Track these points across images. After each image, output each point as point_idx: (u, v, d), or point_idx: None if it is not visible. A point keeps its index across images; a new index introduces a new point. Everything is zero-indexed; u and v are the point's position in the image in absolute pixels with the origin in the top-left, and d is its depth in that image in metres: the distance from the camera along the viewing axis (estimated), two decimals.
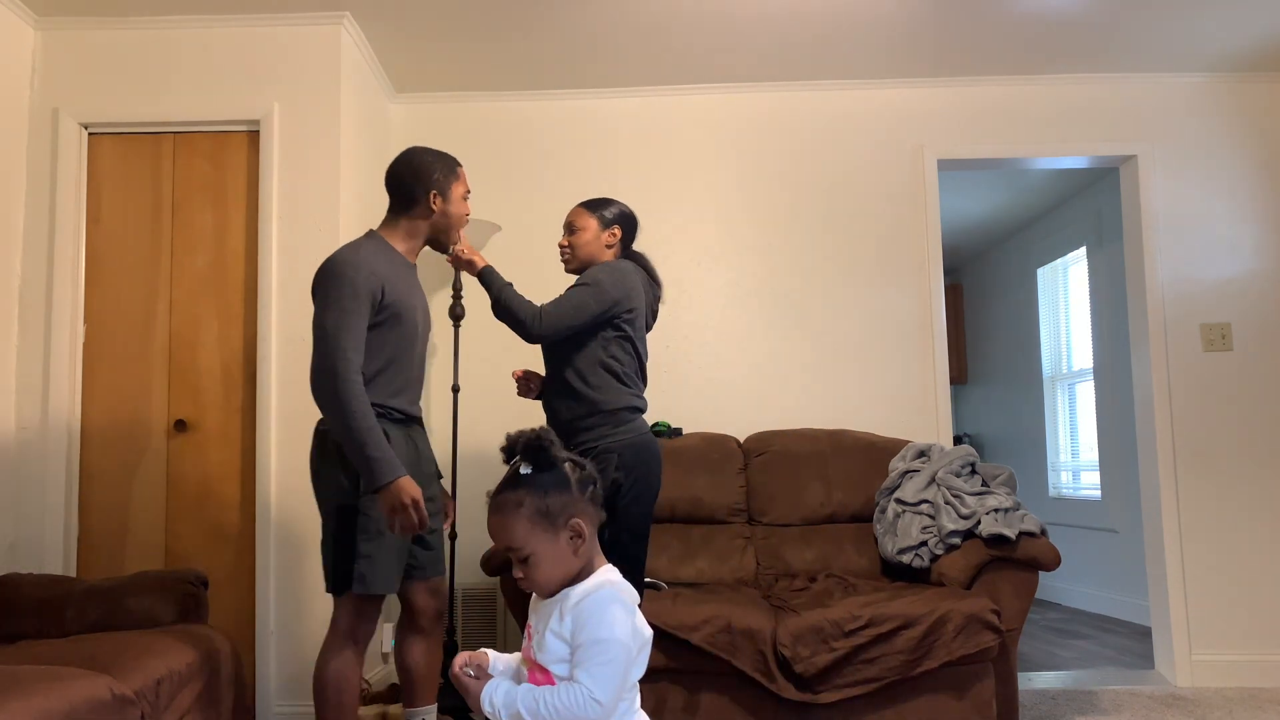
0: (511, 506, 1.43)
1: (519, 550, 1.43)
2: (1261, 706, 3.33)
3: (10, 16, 3.24)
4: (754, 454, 3.57)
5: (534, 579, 1.44)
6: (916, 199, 3.95)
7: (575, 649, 1.39)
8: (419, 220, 2.40)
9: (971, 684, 2.68)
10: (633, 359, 2.54)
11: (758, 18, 3.41)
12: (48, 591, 2.61)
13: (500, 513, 1.44)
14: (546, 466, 1.45)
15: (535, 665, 1.43)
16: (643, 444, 2.47)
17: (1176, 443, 3.80)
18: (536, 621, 1.47)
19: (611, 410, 2.45)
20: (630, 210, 2.74)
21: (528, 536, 1.42)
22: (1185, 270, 3.87)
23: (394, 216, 2.41)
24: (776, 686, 2.61)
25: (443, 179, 2.39)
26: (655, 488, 2.51)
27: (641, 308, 2.57)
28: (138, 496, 3.24)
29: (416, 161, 2.39)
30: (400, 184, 2.39)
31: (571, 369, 2.48)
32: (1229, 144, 3.92)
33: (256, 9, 3.31)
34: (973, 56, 3.77)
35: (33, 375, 3.22)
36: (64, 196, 3.27)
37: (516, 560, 1.44)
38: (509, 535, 1.43)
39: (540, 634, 1.43)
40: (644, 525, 2.47)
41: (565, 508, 1.44)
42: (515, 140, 4.00)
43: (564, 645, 1.40)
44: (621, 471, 2.40)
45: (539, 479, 1.44)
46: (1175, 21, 3.50)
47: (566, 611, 1.41)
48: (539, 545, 1.42)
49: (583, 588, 1.43)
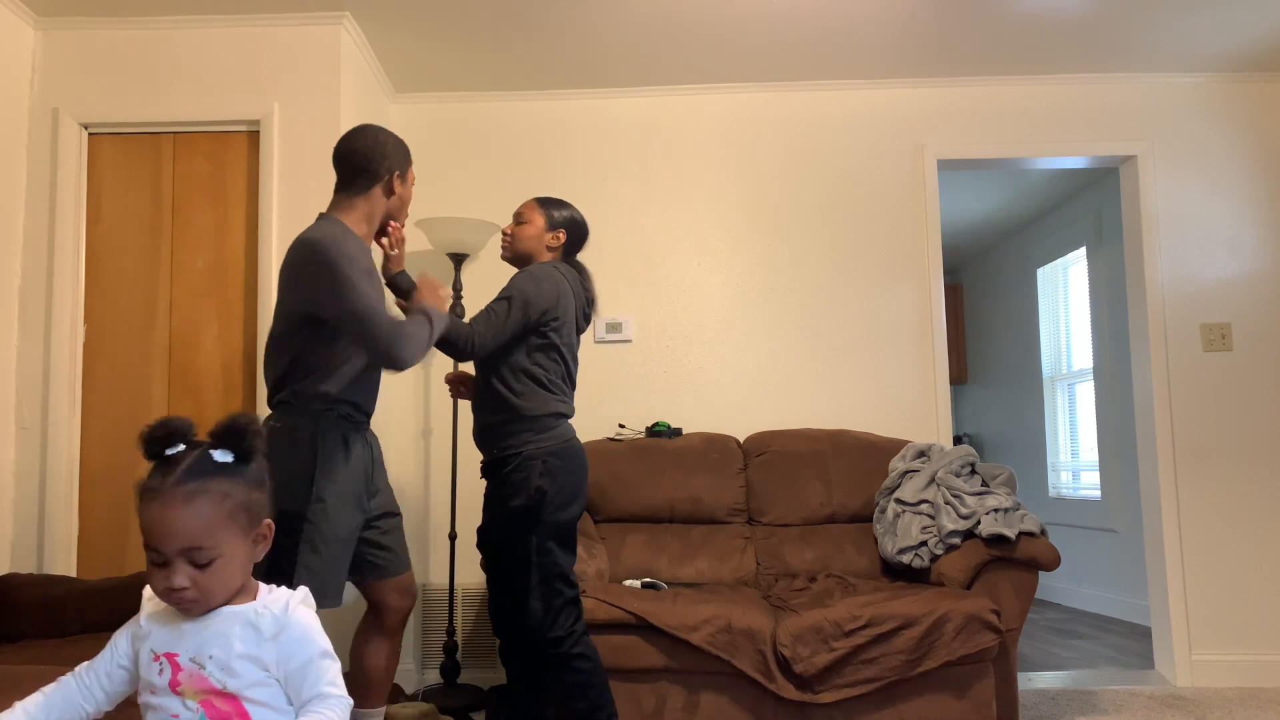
0: (212, 498, 1.20)
1: (204, 550, 1.19)
2: (1261, 706, 3.33)
3: (10, 16, 3.24)
4: (754, 454, 3.57)
5: (208, 589, 1.21)
6: (916, 199, 3.95)
7: (293, 672, 1.23)
8: (378, 201, 2.30)
9: (971, 684, 2.68)
10: (559, 365, 2.52)
11: (758, 18, 3.41)
12: (48, 591, 2.61)
13: (188, 504, 1.19)
14: (249, 458, 1.26)
15: (215, 693, 1.21)
16: (567, 450, 2.45)
17: (1176, 443, 3.80)
18: (189, 648, 1.22)
19: (535, 416, 2.44)
20: (582, 219, 2.71)
21: (224, 535, 1.21)
22: (1185, 270, 3.87)
23: (349, 197, 2.28)
24: (776, 686, 2.61)
25: (401, 159, 2.33)
26: (582, 494, 2.50)
27: (569, 316, 2.54)
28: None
29: (379, 138, 2.29)
30: (361, 161, 2.26)
31: (496, 376, 2.46)
32: (1229, 144, 3.92)
33: (256, 9, 3.31)
34: (973, 56, 3.77)
35: (33, 375, 3.22)
36: (64, 196, 3.27)
37: (184, 564, 1.19)
38: (195, 532, 1.18)
39: (219, 659, 1.21)
40: (571, 533, 2.46)
41: (263, 508, 1.28)
42: (515, 140, 4.00)
43: (260, 669, 1.22)
44: (546, 478, 2.38)
45: (243, 470, 1.25)
46: (1175, 21, 3.50)
47: (264, 632, 1.23)
48: (231, 548, 1.22)
49: (264, 603, 1.26)
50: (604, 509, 3.47)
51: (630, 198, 3.99)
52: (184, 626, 1.24)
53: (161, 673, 1.22)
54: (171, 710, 1.21)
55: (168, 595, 1.21)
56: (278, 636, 1.24)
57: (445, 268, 3.85)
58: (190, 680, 1.21)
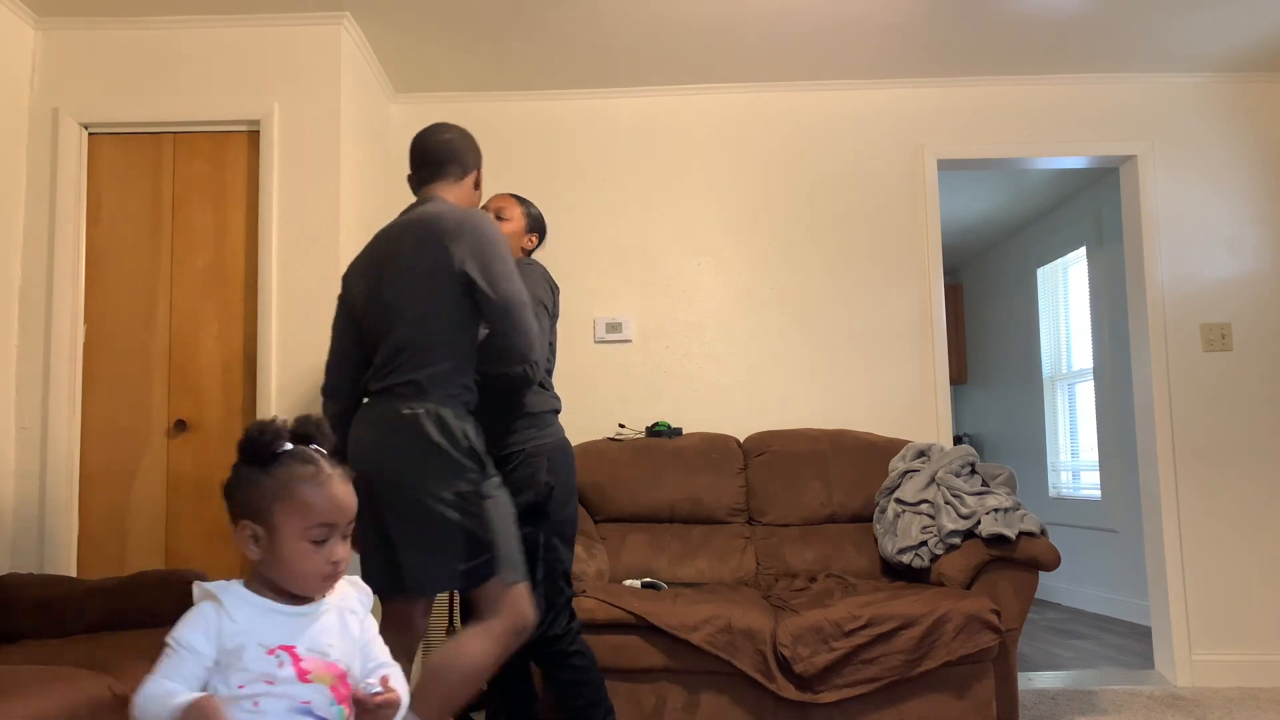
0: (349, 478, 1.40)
1: (352, 524, 1.39)
2: (1261, 706, 3.33)
3: (10, 16, 3.24)
4: (754, 454, 3.57)
5: (349, 560, 1.39)
6: (916, 199, 3.95)
7: (367, 644, 1.41)
8: (468, 191, 2.32)
9: (971, 684, 2.68)
10: (550, 363, 2.54)
11: (758, 18, 3.41)
12: (48, 591, 2.61)
13: (345, 482, 1.39)
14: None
15: (339, 676, 1.34)
16: (565, 447, 2.47)
17: (1176, 443, 3.80)
18: (304, 639, 1.33)
19: (537, 413, 2.44)
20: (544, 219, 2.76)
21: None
22: (1185, 270, 3.87)
23: (446, 185, 2.28)
24: (776, 686, 2.61)
25: (480, 159, 2.38)
26: (575, 492, 2.52)
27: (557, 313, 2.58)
28: (138, 496, 3.24)
29: (465, 133, 2.33)
30: (459, 150, 2.29)
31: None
32: (1229, 144, 3.92)
33: (256, 9, 3.31)
34: (972, 56, 3.77)
35: (33, 375, 3.22)
36: (64, 196, 3.27)
37: (341, 539, 1.37)
38: (354, 506, 1.39)
39: (339, 646, 1.36)
40: (573, 531, 2.47)
41: None
42: (515, 140, 4.00)
43: (356, 647, 1.39)
44: (552, 474, 2.39)
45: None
46: (1175, 21, 3.50)
47: (359, 613, 1.41)
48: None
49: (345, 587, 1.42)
50: (604, 509, 3.47)
51: (630, 198, 3.98)
52: (290, 621, 1.33)
53: (282, 665, 1.30)
54: (301, 697, 1.30)
55: (332, 570, 1.34)
56: (365, 618, 1.41)
57: None
58: (320, 668, 1.32)
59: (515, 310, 2.09)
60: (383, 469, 2.04)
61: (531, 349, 2.12)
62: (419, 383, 2.08)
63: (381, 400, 2.11)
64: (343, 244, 3.34)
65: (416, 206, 2.23)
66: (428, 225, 2.13)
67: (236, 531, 1.35)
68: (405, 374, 2.08)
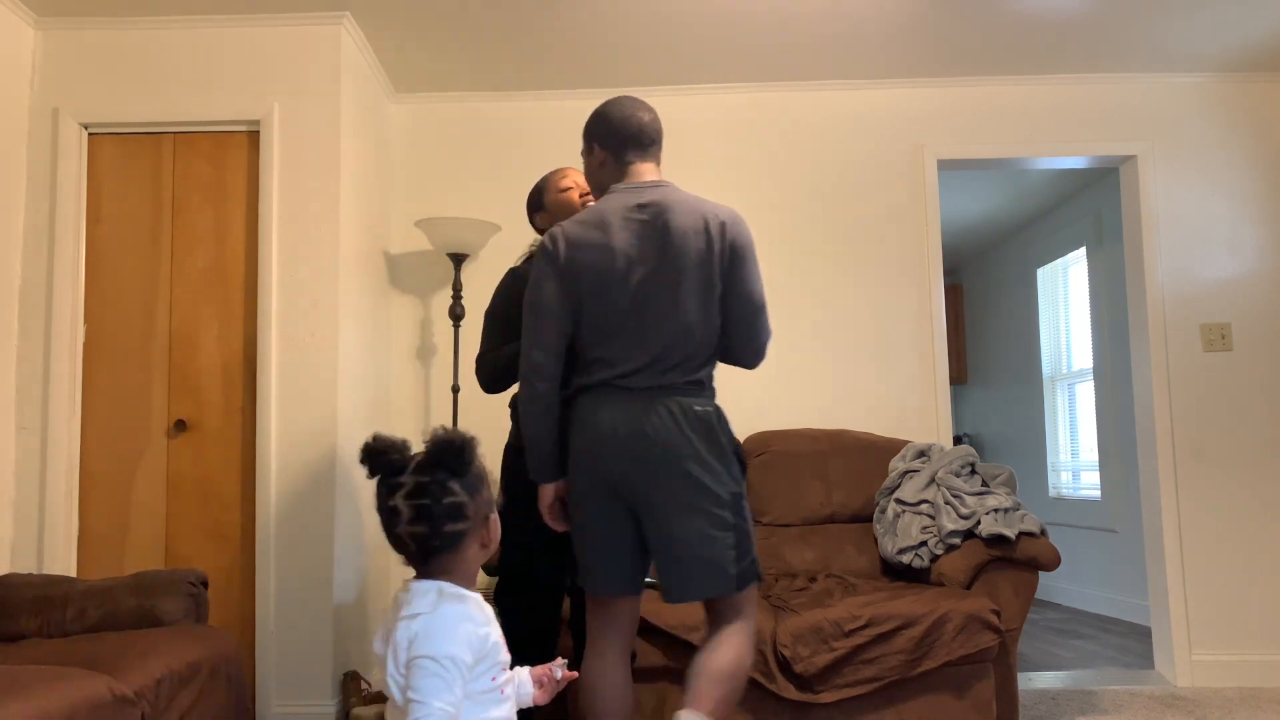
0: None
1: None
2: (1261, 706, 3.33)
3: (10, 16, 3.24)
4: (754, 454, 3.57)
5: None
6: (916, 199, 3.95)
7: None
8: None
9: (971, 684, 2.68)
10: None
11: (758, 18, 3.41)
12: (48, 591, 2.61)
13: None
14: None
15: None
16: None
17: (1176, 443, 3.80)
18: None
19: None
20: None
21: None
22: (1185, 270, 3.87)
23: (657, 168, 2.21)
24: (776, 686, 2.61)
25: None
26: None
27: None
28: (138, 496, 3.24)
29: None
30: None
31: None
32: (1229, 144, 3.92)
33: (256, 9, 3.31)
34: (973, 56, 3.77)
35: (33, 375, 3.22)
36: (64, 196, 3.27)
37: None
38: None
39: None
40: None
41: None
42: (515, 140, 4.00)
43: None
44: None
45: None
46: (1175, 21, 3.50)
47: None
48: None
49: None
50: None
51: None
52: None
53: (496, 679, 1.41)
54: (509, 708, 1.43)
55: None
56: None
57: (445, 268, 3.85)
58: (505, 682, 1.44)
59: (765, 310, 2.17)
60: (668, 467, 1.95)
61: (767, 332, 2.18)
62: (703, 382, 2.05)
63: (659, 396, 1.99)
64: (343, 244, 3.34)
65: (647, 189, 2.10)
66: (698, 216, 2.05)
67: (474, 535, 1.42)
68: (689, 373, 2.02)
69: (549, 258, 2.05)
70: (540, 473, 2.07)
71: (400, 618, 1.32)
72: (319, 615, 3.16)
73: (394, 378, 3.91)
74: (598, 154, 2.21)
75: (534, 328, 2.04)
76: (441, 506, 1.35)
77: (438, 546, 1.36)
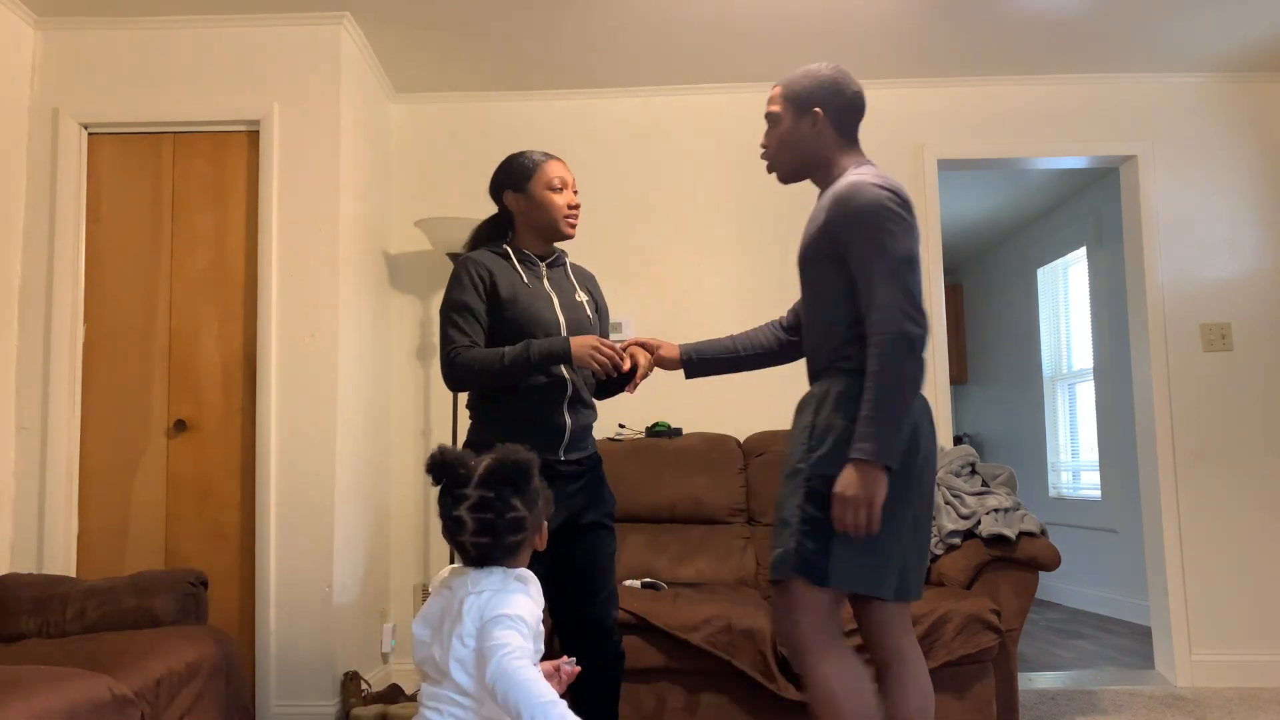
0: None
1: None
2: (1261, 706, 3.33)
3: (10, 16, 3.24)
4: (754, 454, 3.57)
5: None
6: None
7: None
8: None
9: (971, 684, 2.68)
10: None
11: (758, 18, 3.41)
12: (48, 591, 2.61)
13: None
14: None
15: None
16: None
17: (1176, 443, 3.80)
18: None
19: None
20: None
21: None
22: (1185, 270, 3.87)
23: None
24: (776, 686, 2.61)
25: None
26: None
27: None
28: (138, 496, 3.24)
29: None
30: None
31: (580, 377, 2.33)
32: (1229, 144, 3.92)
33: (256, 9, 3.31)
34: (973, 57, 3.77)
35: (33, 375, 3.22)
36: (64, 196, 3.27)
37: None
38: None
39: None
40: None
41: None
42: (515, 140, 4.00)
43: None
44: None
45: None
46: (1175, 21, 3.50)
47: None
48: None
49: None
50: None
51: (630, 198, 3.98)
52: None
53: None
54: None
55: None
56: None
57: (445, 268, 3.85)
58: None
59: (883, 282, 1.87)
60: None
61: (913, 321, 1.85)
62: None
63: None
64: (342, 244, 3.34)
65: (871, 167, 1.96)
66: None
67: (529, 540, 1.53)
68: None
69: (909, 209, 1.86)
70: (896, 457, 1.77)
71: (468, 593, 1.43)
72: (319, 615, 3.16)
73: (394, 378, 3.91)
74: (820, 122, 1.98)
75: (917, 284, 1.80)
76: (504, 521, 1.47)
77: (498, 556, 1.49)
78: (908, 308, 1.77)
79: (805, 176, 2.06)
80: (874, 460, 1.73)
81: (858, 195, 1.84)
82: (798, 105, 2.00)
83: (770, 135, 2.07)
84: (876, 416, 1.74)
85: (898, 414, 1.75)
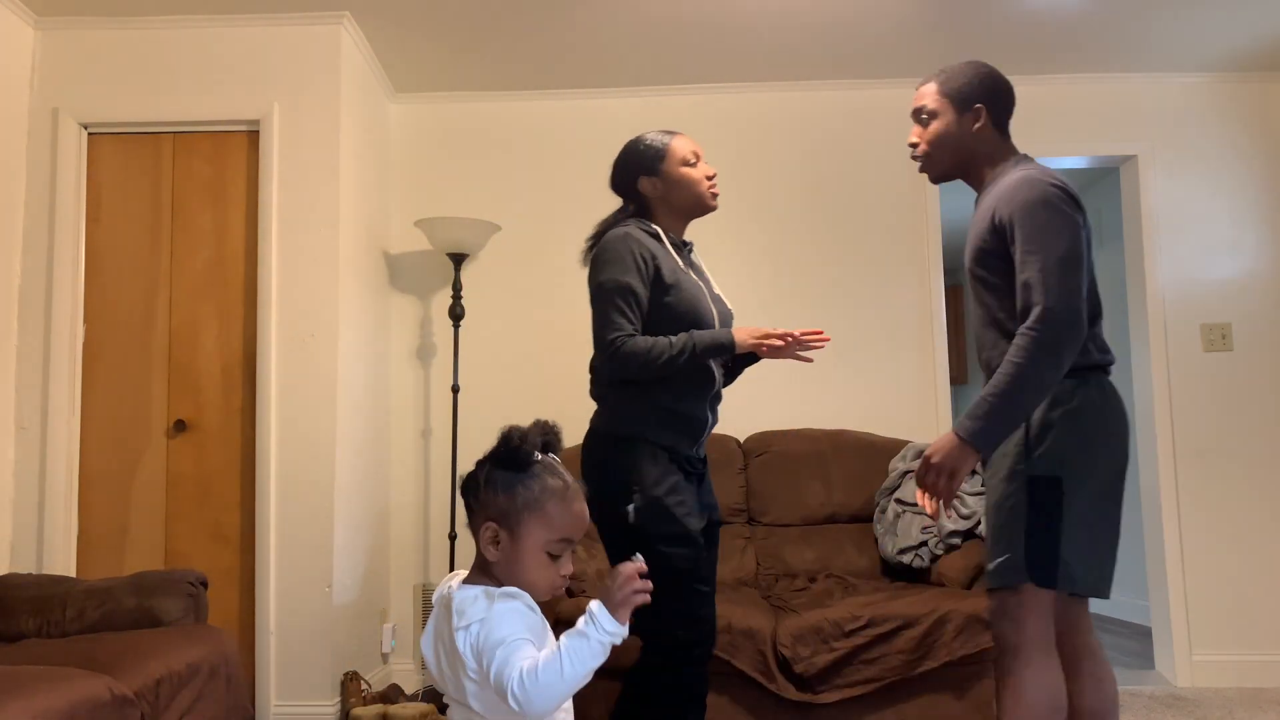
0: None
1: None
2: (1261, 706, 3.33)
3: (10, 16, 3.24)
4: (754, 454, 3.57)
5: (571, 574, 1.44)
6: (917, 199, 3.95)
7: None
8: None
9: (971, 684, 2.68)
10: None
11: (758, 17, 3.41)
12: (47, 591, 2.60)
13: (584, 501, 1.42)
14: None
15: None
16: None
17: (1177, 443, 3.80)
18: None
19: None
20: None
21: None
22: (1185, 270, 3.87)
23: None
24: (776, 686, 2.61)
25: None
26: None
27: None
28: (138, 496, 3.24)
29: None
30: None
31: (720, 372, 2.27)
32: (1229, 144, 3.92)
33: (256, 9, 3.31)
34: (973, 56, 3.76)
35: (32, 375, 3.22)
36: (64, 196, 3.27)
37: (572, 554, 1.41)
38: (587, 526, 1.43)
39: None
40: None
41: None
42: (515, 140, 4.00)
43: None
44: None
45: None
46: (1175, 21, 3.50)
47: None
48: None
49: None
50: None
51: None
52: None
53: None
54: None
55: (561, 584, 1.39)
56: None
57: (445, 268, 3.85)
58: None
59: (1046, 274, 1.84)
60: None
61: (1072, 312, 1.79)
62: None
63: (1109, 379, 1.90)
64: (342, 244, 3.34)
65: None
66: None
67: (481, 531, 1.36)
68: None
69: (1077, 205, 1.83)
70: (993, 449, 1.81)
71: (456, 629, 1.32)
72: (319, 615, 3.16)
73: (394, 378, 3.91)
74: (982, 118, 1.96)
75: (1079, 284, 1.76)
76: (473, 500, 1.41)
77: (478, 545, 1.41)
78: (1064, 311, 1.73)
79: (961, 175, 2.03)
80: (971, 443, 1.75)
81: (1025, 189, 1.82)
82: (959, 102, 1.96)
83: (924, 133, 2.02)
84: (995, 404, 1.74)
85: (1015, 412, 1.75)
